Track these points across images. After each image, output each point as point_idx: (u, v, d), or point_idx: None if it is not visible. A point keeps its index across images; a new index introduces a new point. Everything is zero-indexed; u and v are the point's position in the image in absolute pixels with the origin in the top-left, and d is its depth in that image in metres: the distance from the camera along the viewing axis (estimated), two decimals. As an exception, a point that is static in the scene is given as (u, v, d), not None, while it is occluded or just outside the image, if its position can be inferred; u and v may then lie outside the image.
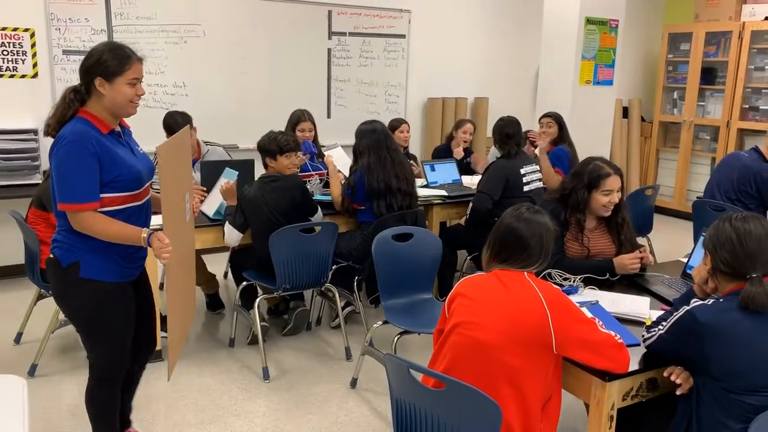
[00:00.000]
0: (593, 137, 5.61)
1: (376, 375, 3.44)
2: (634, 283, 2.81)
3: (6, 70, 4.65)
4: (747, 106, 6.87)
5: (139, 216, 2.34)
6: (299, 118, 4.51)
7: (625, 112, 7.78)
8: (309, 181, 4.21)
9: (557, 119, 4.86)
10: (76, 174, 2.12)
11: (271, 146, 3.66)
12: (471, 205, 4.22)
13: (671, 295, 2.64)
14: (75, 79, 2.30)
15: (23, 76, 4.71)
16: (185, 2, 5.18)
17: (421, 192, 4.40)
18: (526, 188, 4.19)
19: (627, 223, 2.95)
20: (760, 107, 6.78)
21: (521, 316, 1.97)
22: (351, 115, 5.83)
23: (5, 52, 4.63)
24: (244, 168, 4.10)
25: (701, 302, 1.92)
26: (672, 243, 6.05)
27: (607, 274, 2.80)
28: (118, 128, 2.29)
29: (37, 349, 3.41)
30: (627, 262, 2.81)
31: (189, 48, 5.25)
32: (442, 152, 5.41)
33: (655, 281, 2.82)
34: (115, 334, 2.36)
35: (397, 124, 5.19)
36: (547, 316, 1.95)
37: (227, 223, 3.56)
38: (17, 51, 4.67)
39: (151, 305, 2.60)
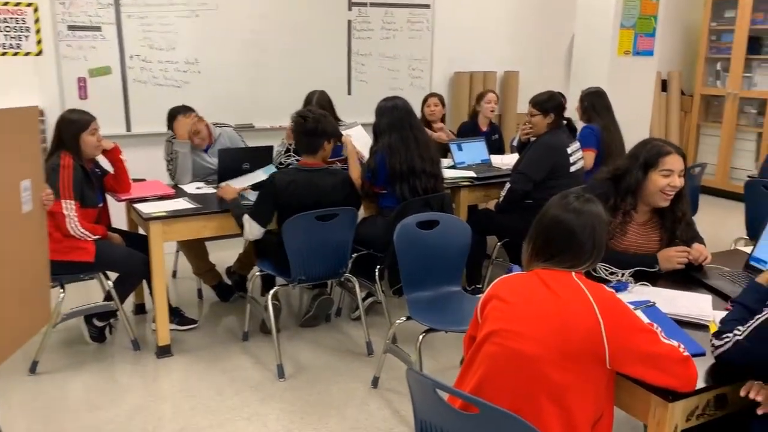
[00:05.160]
0: (632, 113, 5.21)
1: (399, 373, 3.17)
2: (690, 278, 2.48)
3: (9, 48, 4.42)
4: (798, 77, 6.39)
5: None
6: (310, 99, 4.20)
7: (664, 85, 7.33)
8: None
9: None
10: None
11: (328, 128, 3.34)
12: (506, 186, 3.89)
13: (735, 292, 2.30)
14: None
15: (27, 54, 4.47)
16: (196, -27, 4.89)
17: (448, 173, 4.09)
18: (572, 168, 3.86)
19: (686, 218, 2.56)
20: (812, 78, 6.30)
21: (569, 324, 1.67)
22: (373, 91, 5.48)
23: (8, 29, 4.39)
24: (263, 155, 3.84)
25: None
26: (718, 226, 5.66)
27: (656, 269, 2.47)
28: None
29: (38, 345, 3.20)
30: (673, 254, 2.46)
31: (201, 22, 4.95)
32: (469, 129, 5.07)
33: (713, 275, 2.49)
34: None
35: (427, 97, 4.96)
36: (600, 325, 1.64)
37: (247, 216, 3.28)
38: (20, 27, 4.42)
39: None
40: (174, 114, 3.92)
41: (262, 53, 5.23)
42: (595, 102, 4.48)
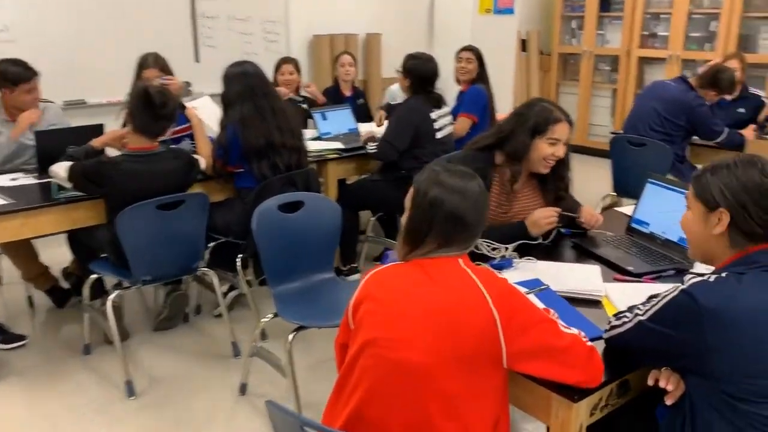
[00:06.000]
0: (496, 72, 5.06)
1: (271, 374, 2.78)
2: (575, 246, 2.32)
3: None
4: (646, 33, 6.60)
5: None
6: (143, 64, 3.63)
7: (524, 45, 7.35)
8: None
9: (478, 54, 4.28)
10: None
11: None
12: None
13: (622, 259, 2.17)
14: None
15: None
16: None
17: (312, 146, 3.73)
18: (438, 135, 3.63)
19: (566, 184, 2.42)
20: (659, 33, 6.52)
21: (460, 322, 1.40)
22: (224, 57, 4.83)
23: None
24: (93, 134, 3.24)
25: (699, 278, 1.41)
26: (583, 183, 5.66)
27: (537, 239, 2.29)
28: None
29: None
30: (539, 216, 2.24)
31: (10, -20, 4.18)
32: (332, 96, 4.71)
33: (598, 241, 2.34)
34: None
35: (280, 63, 4.50)
36: (495, 320, 1.39)
37: (64, 162, 2.76)
38: None
39: None
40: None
41: (90, 18, 4.52)
42: (482, 59, 4.26)
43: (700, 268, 2.10)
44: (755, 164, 1.41)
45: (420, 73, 3.61)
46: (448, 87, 4.40)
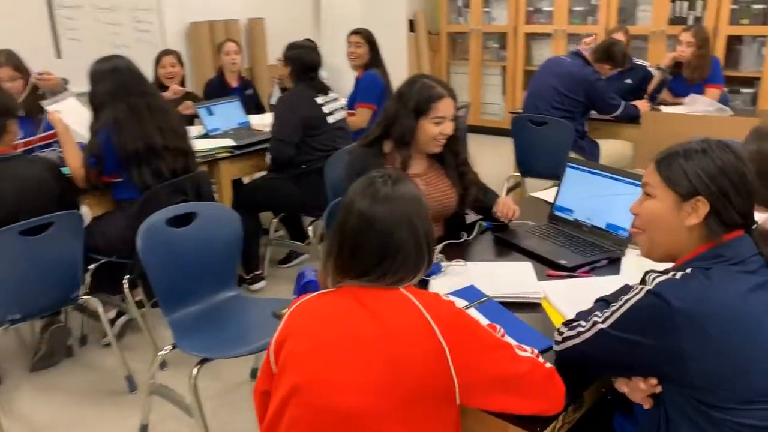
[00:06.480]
0: (388, 55, 4.88)
1: (174, 410, 2.46)
2: (500, 241, 2.17)
3: None
4: (531, 9, 6.62)
5: None
6: None
7: (412, 26, 7.21)
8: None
9: (368, 37, 4.06)
10: None
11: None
12: (268, 155, 3.36)
13: (551, 252, 2.03)
14: None
15: None
16: None
17: (200, 145, 3.38)
18: (330, 119, 3.41)
19: (464, 159, 2.29)
20: (544, 9, 6.57)
21: (403, 357, 1.18)
22: (90, 51, 4.34)
23: None
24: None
25: (663, 276, 1.26)
26: (484, 164, 5.65)
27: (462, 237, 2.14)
28: None
29: None
30: None
31: None
32: (217, 88, 4.34)
33: (522, 234, 2.20)
34: None
35: (160, 55, 4.09)
36: (444, 352, 1.19)
37: None
38: None
39: None
40: None
41: None
42: (377, 46, 4.06)
43: (631, 254, 2.02)
44: (727, 147, 1.29)
45: (302, 61, 3.45)
46: (344, 72, 4.16)
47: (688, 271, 1.25)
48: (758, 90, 5.35)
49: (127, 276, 2.78)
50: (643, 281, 1.31)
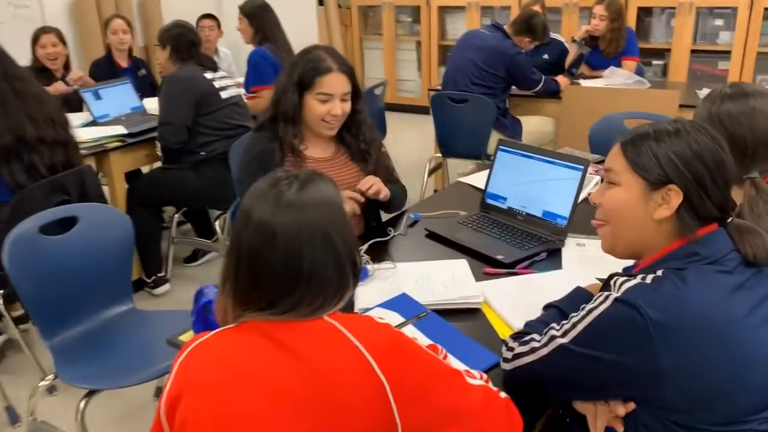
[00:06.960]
0: (297, 30, 4.57)
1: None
2: (431, 235, 1.95)
3: None
4: (445, -20, 6.43)
5: None
6: None
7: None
8: None
9: (249, 12, 3.74)
10: None
11: None
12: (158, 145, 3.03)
13: (486, 246, 1.83)
14: None
15: None
16: None
17: (85, 135, 2.97)
18: (224, 94, 3.10)
19: (373, 144, 2.02)
20: (456, -19, 6.40)
21: (335, 401, 0.94)
22: None
23: None
24: None
25: (631, 281, 1.07)
26: (403, 143, 5.47)
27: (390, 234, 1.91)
28: None
29: None
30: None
31: None
32: (105, 69, 3.89)
33: (453, 225, 1.99)
34: None
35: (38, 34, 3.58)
36: (385, 388, 0.95)
37: None
38: None
39: None
40: None
41: None
42: (265, 18, 3.72)
43: (571, 244, 1.85)
44: (704, 129, 1.11)
45: (183, 38, 3.13)
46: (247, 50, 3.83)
47: (660, 273, 1.07)
48: (668, 62, 5.39)
49: (0, 291, 2.39)
50: (606, 286, 1.13)
